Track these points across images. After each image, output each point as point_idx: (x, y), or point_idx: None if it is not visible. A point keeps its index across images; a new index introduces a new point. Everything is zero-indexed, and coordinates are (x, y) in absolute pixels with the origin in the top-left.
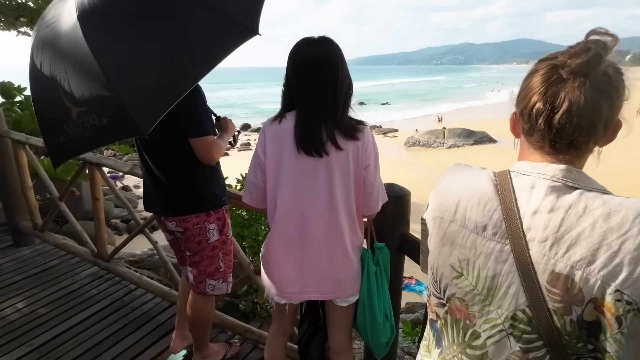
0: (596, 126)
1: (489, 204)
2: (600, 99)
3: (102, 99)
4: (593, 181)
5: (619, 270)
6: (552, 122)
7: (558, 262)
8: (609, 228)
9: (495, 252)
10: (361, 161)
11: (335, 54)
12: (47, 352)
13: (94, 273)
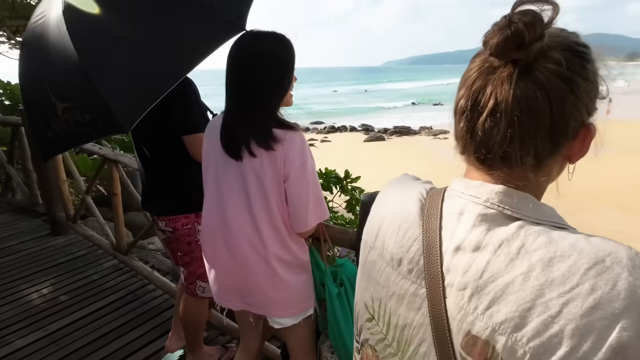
0: (535, 134)
1: (410, 231)
2: (539, 95)
3: (85, 95)
4: (544, 210)
5: (557, 343)
6: (475, 126)
7: (477, 320)
8: (548, 280)
9: (408, 296)
10: (279, 171)
11: (266, 51)
12: (59, 339)
13: (114, 265)
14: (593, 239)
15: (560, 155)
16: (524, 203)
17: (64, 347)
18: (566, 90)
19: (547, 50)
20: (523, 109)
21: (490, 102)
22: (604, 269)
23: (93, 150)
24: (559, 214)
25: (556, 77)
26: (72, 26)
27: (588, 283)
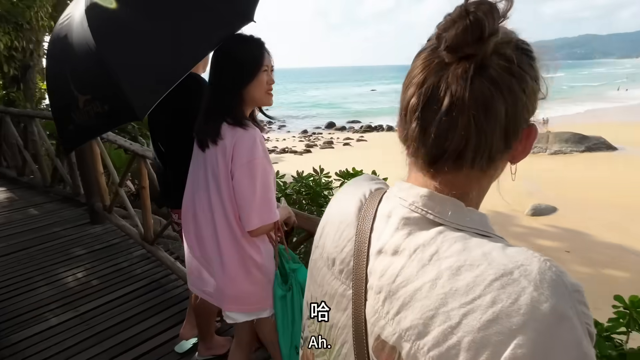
0: (490, 134)
1: (346, 231)
2: (494, 93)
3: (104, 87)
4: (470, 216)
5: (455, 355)
6: (428, 127)
7: (387, 324)
8: (453, 289)
9: (337, 296)
10: (228, 166)
11: (223, 53)
12: (88, 319)
13: (142, 254)
14: (510, 249)
15: (509, 156)
16: (446, 208)
17: (91, 327)
18: (518, 89)
19: (500, 47)
20: (480, 107)
21: (445, 101)
22: (510, 281)
23: (124, 145)
24: (488, 222)
25: (509, 75)
26: (93, 23)
27: (490, 295)
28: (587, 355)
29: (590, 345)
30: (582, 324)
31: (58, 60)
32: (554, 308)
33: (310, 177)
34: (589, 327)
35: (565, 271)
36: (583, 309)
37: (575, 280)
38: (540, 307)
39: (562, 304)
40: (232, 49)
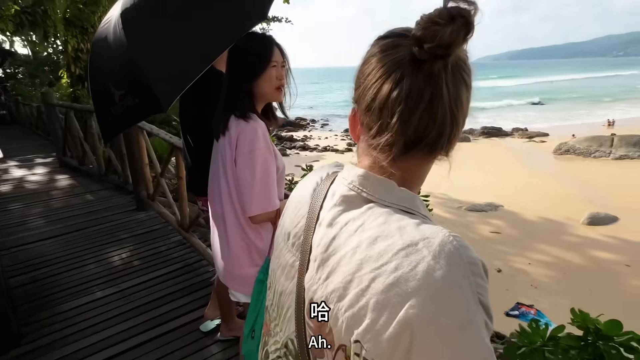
0: (459, 122)
1: (302, 209)
2: (460, 87)
3: (135, 83)
4: (399, 195)
5: (363, 315)
6: (410, 118)
7: (318, 289)
8: (367, 256)
9: (287, 266)
10: (232, 155)
11: (232, 51)
12: (128, 295)
13: (179, 240)
14: (424, 226)
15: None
16: (378, 187)
17: (130, 302)
18: (469, 84)
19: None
20: (454, 101)
21: (426, 95)
22: (414, 250)
23: (165, 138)
24: (417, 202)
25: (466, 75)
26: (126, 25)
27: (395, 262)
28: (472, 321)
29: (478, 313)
30: (473, 293)
31: (98, 60)
32: (446, 276)
33: None
34: (481, 297)
35: (469, 247)
36: (477, 280)
37: (477, 256)
38: (434, 274)
39: (455, 273)
40: (242, 45)
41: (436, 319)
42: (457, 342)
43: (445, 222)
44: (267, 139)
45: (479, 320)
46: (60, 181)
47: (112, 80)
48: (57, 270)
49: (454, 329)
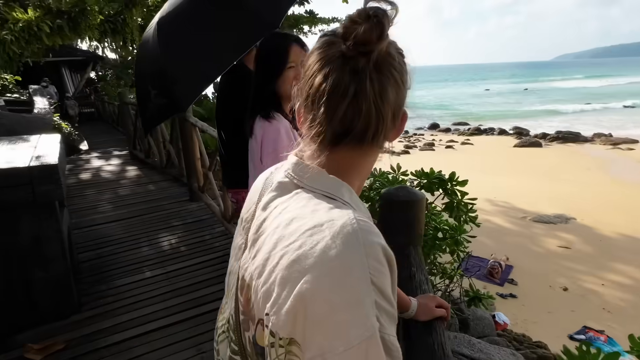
0: (385, 116)
1: (254, 197)
2: (386, 83)
3: (164, 84)
4: (325, 182)
5: (272, 290)
6: (336, 111)
7: (248, 267)
8: (281, 236)
9: (236, 248)
10: (258, 154)
11: (270, 48)
12: (172, 277)
13: (222, 230)
14: (336, 210)
15: (392, 134)
16: (306, 174)
17: (173, 284)
18: (400, 81)
19: (389, 47)
20: (378, 95)
21: (351, 89)
22: (318, 231)
23: (212, 134)
24: (344, 189)
25: (396, 71)
26: (160, 33)
27: (300, 241)
28: (360, 300)
29: (368, 293)
30: (364, 274)
31: (140, 62)
32: (339, 254)
33: (383, 175)
34: (374, 278)
35: (372, 231)
36: (371, 261)
37: (378, 240)
38: (329, 253)
39: (348, 253)
40: (261, 46)
41: (327, 295)
42: (343, 318)
43: (504, 232)
44: (291, 138)
45: (368, 301)
46: (129, 172)
47: (150, 81)
48: (117, 250)
49: (342, 305)
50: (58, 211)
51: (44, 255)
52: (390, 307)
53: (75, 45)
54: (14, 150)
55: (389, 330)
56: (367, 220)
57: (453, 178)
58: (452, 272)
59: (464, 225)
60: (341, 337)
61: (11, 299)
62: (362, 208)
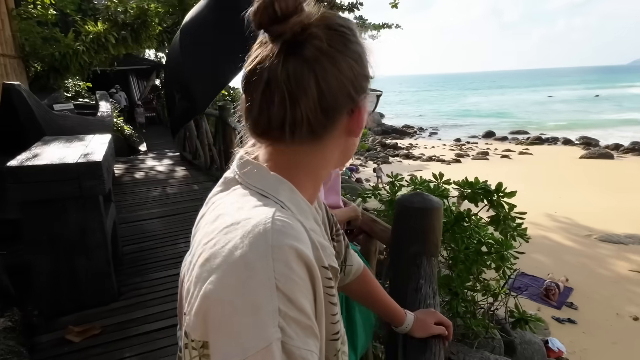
0: (305, 107)
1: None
2: (305, 70)
3: (186, 89)
4: (265, 180)
5: (190, 288)
6: (252, 101)
7: (185, 263)
8: (205, 233)
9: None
10: None
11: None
12: None
13: None
14: (261, 208)
15: (339, 130)
16: (245, 170)
17: None
18: (330, 67)
19: (310, 28)
20: (292, 83)
21: (264, 77)
22: (232, 229)
23: None
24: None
25: (319, 53)
26: (182, 40)
27: (215, 239)
28: (258, 305)
29: (271, 300)
30: (267, 277)
31: (167, 67)
32: (243, 256)
33: (425, 184)
34: (279, 283)
35: (288, 232)
36: (278, 265)
37: (291, 242)
38: (235, 253)
39: (254, 254)
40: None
41: (229, 297)
42: (243, 323)
43: (564, 250)
44: None
45: (269, 308)
46: (177, 172)
47: (174, 85)
48: (156, 245)
49: (242, 310)
50: (102, 205)
51: (88, 245)
52: (303, 318)
53: (141, 55)
54: (68, 148)
55: (300, 342)
56: (287, 220)
57: (500, 189)
58: (496, 289)
59: (511, 240)
60: (238, 345)
61: (58, 284)
62: (301, 209)
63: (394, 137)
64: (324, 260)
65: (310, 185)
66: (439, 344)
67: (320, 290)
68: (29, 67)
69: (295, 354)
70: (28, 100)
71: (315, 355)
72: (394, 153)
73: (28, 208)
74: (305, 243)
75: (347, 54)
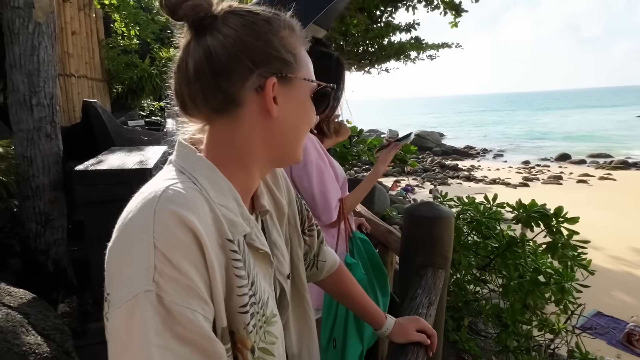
0: (196, 85)
1: None
2: (199, 50)
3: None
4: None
5: None
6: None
7: None
8: (126, 209)
9: None
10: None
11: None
12: None
13: None
14: (167, 180)
15: (249, 107)
16: (177, 151)
17: None
18: (221, 48)
19: (213, 14)
20: (189, 61)
21: (179, 60)
22: (136, 197)
23: None
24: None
25: (216, 32)
26: None
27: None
28: (134, 261)
29: (147, 255)
30: (147, 236)
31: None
32: (132, 218)
33: (474, 204)
34: (157, 242)
35: (175, 200)
36: (158, 227)
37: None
38: (128, 216)
39: (139, 216)
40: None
41: (115, 252)
42: (123, 275)
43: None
44: (319, 151)
45: (143, 263)
46: None
47: None
48: None
49: (123, 263)
50: None
51: None
52: (182, 278)
53: None
54: (128, 156)
55: (179, 300)
56: (181, 190)
57: (560, 213)
58: (554, 324)
59: (572, 271)
60: (118, 295)
61: None
62: (218, 187)
63: (455, 158)
64: (228, 233)
65: (233, 166)
66: (418, 351)
67: (212, 258)
68: (112, 89)
69: (174, 310)
70: (102, 116)
71: (199, 314)
72: (454, 175)
73: (89, 208)
74: (195, 212)
75: (243, 31)
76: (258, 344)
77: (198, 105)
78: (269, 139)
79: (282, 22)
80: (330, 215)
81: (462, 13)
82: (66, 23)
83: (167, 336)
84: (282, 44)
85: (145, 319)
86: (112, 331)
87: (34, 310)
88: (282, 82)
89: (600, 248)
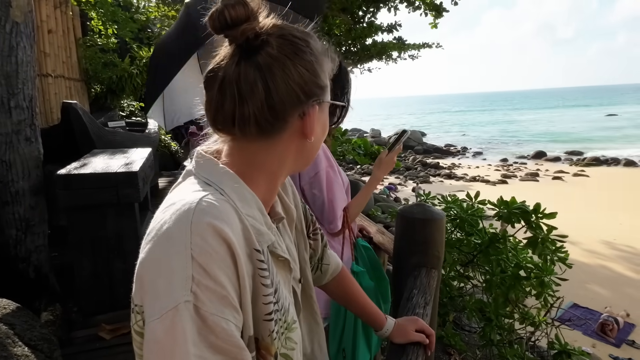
0: (251, 106)
1: None
2: (255, 73)
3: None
4: (212, 170)
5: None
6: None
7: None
8: (157, 220)
9: None
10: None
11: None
12: None
13: None
14: (198, 192)
15: (290, 131)
16: (200, 162)
17: None
18: (278, 71)
19: (263, 36)
20: (242, 83)
21: (220, 75)
22: (169, 209)
23: None
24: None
25: (270, 59)
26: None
27: (159, 217)
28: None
29: (185, 267)
30: (185, 248)
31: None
32: (168, 230)
33: (457, 202)
34: (194, 253)
35: (210, 212)
36: (195, 239)
37: (210, 220)
38: (163, 227)
39: (176, 228)
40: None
41: (151, 263)
42: (160, 286)
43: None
44: (329, 158)
45: (182, 274)
46: None
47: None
48: None
49: (161, 274)
50: (137, 212)
51: (124, 249)
52: (218, 288)
53: None
54: (112, 159)
55: (213, 309)
56: (214, 202)
57: (538, 209)
58: (535, 317)
59: (551, 265)
60: (157, 306)
61: (97, 284)
62: (243, 198)
63: (436, 157)
64: (256, 243)
65: (263, 181)
66: (417, 351)
67: (243, 268)
68: (90, 89)
69: (209, 319)
70: (83, 117)
71: (232, 324)
72: (435, 173)
73: (73, 213)
74: (229, 223)
75: (297, 62)
76: (280, 350)
77: (234, 123)
78: (298, 157)
79: (323, 49)
80: (335, 224)
81: (443, 13)
82: (42, 21)
83: (202, 346)
84: (322, 71)
85: (185, 329)
86: (150, 342)
87: (19, 320)
88: (319, 106)
89: (575, 242)
